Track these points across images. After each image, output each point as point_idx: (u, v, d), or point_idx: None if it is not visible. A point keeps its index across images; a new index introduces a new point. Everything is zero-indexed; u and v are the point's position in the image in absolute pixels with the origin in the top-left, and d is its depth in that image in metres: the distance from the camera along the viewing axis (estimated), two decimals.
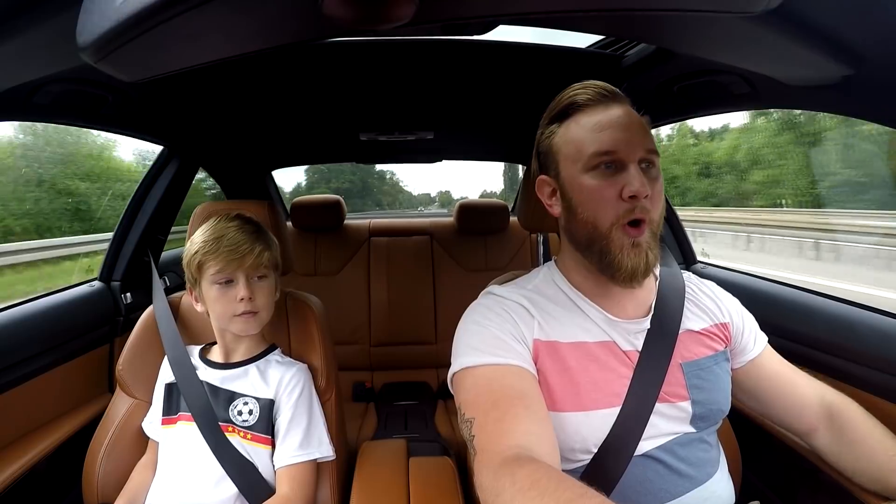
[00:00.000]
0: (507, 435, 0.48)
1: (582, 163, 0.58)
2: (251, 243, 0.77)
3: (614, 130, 0.57)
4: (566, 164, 0.60)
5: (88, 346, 1.15)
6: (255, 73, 1.00)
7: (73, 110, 0.92)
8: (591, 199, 0.57)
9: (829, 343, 0.88)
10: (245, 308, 0.75)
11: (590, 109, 0.60)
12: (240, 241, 0.76)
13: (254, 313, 0.77)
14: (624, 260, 0.56)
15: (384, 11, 0.38)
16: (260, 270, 0.78)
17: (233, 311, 0.76)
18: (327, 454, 0.80)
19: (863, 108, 0.69)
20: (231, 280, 0.76)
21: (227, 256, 0.75)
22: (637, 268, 0.56)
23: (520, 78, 1.10)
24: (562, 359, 0.59)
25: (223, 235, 0.76)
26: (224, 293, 0.76)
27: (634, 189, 0.54)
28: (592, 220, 0.57)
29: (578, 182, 0.58)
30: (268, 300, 0.80)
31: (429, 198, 14.29)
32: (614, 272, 0.57)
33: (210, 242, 0.76)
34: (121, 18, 0.38)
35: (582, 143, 0.58)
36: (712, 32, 0.57)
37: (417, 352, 1.79)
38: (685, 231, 1.45)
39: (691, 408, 0.59)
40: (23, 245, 4.74)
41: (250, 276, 0.77)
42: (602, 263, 0.58)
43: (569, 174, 0.60)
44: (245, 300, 0.75)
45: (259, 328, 0.80)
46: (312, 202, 1.85)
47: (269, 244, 0.81)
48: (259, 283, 0.78)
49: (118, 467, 0.81)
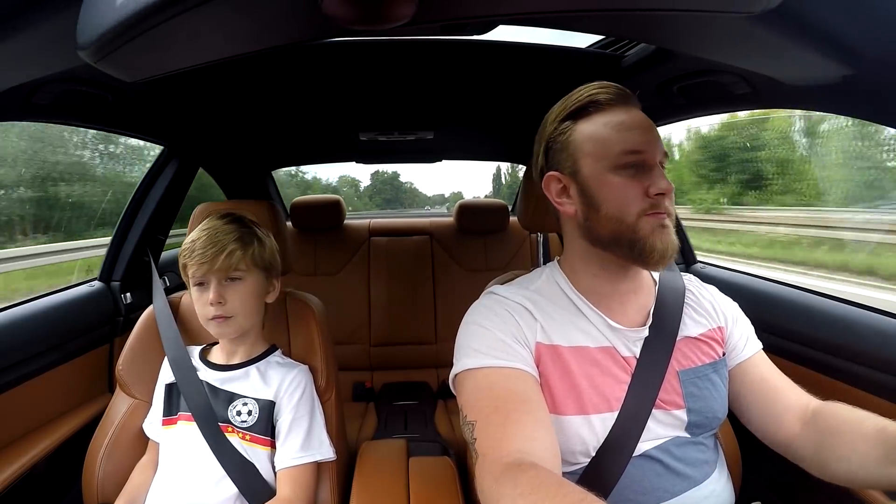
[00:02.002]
0: (508, 439, 0.48)
1: (608, 160, 0.58)
2: (224, 244, 0.74)
3: (640, 132, 0.58)
4: (588, 161, 0.60)
5: (88, 346, 1.15)
6: (255, 73, 1.00)
7: (73, 110, 0.92)
8: (618, 196, 0.57)
9: (829, 343, 0.88)
10: (215, 312, 0.74)
11: (611, 109, 0.60)
12: (213, 242, 0.74)
13: (226, 317, 0.75)
14: (656, 242, 0.56)
15: (384, 11, 0.39)
16: (232, 272, 0.75)
17: (206, 313, 0.75)
18: (328, 455, 0.80)
19: (863, 108, 0.69)
20: (203, 283, 0.75)
21: (198, 259, 0.74)
22: (666, 249, 0.56)
23: (520, 78, 1.10)
24: (563, 362, 0.59)
25: (199, 238, 0.75)
26: (200, 295, 0.75)
27: (662, 187, 0.56)
28: (617, 215, 0.57)
29: (604, 179, 0.58)
30: (244, 303, 0.76)
31: (442, 198, 16.14)
32: (646, 257, 0.57)
33: (189, 244, 0.76)
34: (121, 18, 0.38)
35: (608, 142, 0.58)
36: (712, 32, 0.57)
37: (417, 352, 1.79)
38: (685, 231, 1.45)
39: (686, 416, 0.59)
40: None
41: (221, 279, 0.75)
42: (633, 252, 0.58)
43: (592, 171, 0.59)
44: (214, 304, 0.73)
45: (237, 333, 0.78)
46: (312, 202, 1.85)
47: (248, 243, 0.77)
48: (232, 285, 0.75)
49: (118, 467, 0.81)
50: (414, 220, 2.08)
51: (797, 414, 0.62)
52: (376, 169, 16.46)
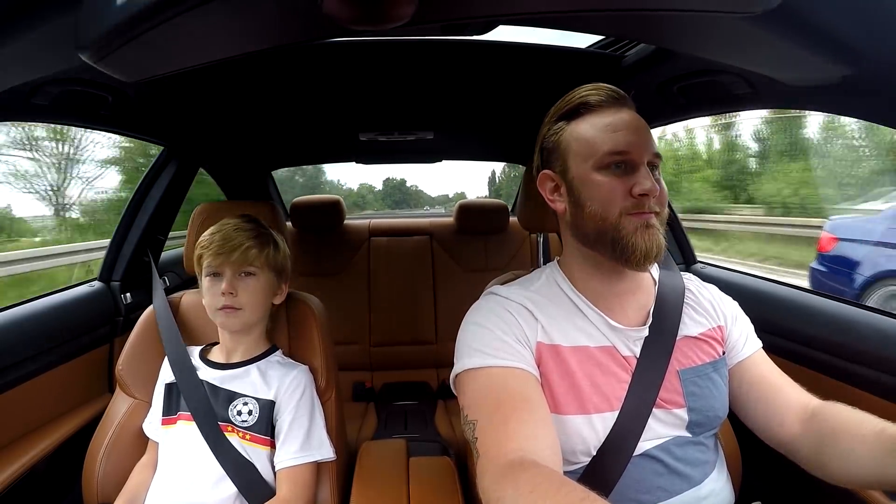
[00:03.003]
0: (509, 439, 0.49)
1: (594, 160, 0.59)
2: (242, 240, 0.79)
3: (627, 132, 0.58)
4: (576, 160, 0.61)
5: (88, 346, 1.15)
6: (255, 73, 1.00)
7: (73, 110, 0.92)
8: (601, 194, 0.58)
9: (829, 343, 0.88)
10: (226, 302, 0.77)
11: (601, 110, 0.61)
12: (231, 237, 0.79)
13: (235, 309, 0.78)
14: (638, 241, 0.56)
15: (384, 11, 0.39)
16: (246, 267, 0.79)
17: (216, 304, 0.78)
18: (328, 455, 0.80)
19: (863, 108, 0.69)
20: (218, 273, 0.79)
21: (216, 250, 0.78)
22: (651, 249, 0.56)
23: (520, 78, 1.10)
24: (564, 362, 0.59)
25: (219, 232, 0.80)
26: (212, 285, 0.79)
27: (646, 188, 0.56)
28: (601, 212, 0.58)
29: (589, 178, 0.59)
30: (254, 298, 0.80)
31: (446, 198, 16.69)
32: (629, 256, 0.57)
33: (208, 237, 0.80)
34: (121, 19, 0.38)
35: (594, 142, 0.59)
36: (712, 32, 0.57)
37: (417, 352, 1.79)
38: (685, 231, 1.45)
39: (687, 415, 0.60)
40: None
41: (236, 272, 0.78)
42: (615, 251, 0.58)
43: (579, 170, 0.60)
44: (226, 294, 0.77)
45: (241, 326, 0.81)
46: (312, 202, 1.85)
47: (264, 244, 0.82)
48: (245, 280, 0.79)
49: (118, 467, 0.81)
50: (414, 220, 2.08)
51: (797, 413, 0.62)
52: (387, 176, 18.12)
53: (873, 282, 2.82)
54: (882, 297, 2.78)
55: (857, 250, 2.93)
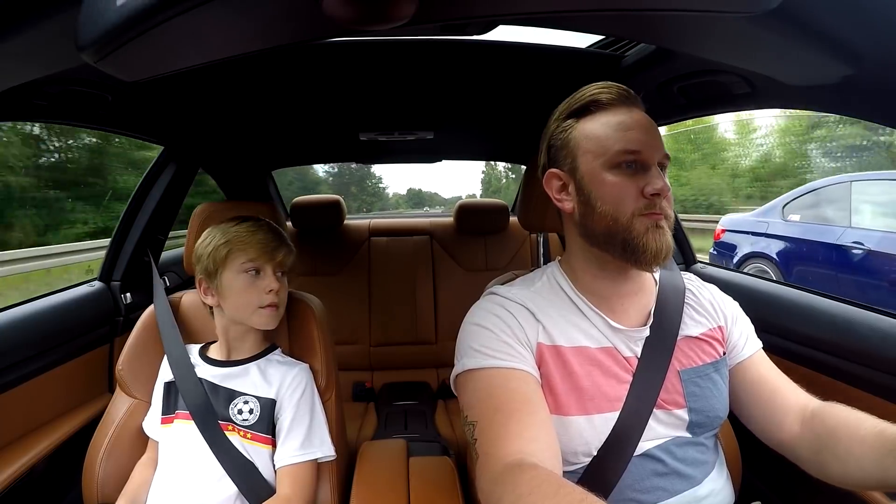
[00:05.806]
0: (509, 440, 0.49)
1: (605, 159, 0.58)
2: (282, 241, 0.83)
3: (639, 132, 0.58)
4: (586, 158, 0.60)
5: (88, 346, 1.15)
6: (255, 73, 1.00)
7: (73, 110, 0.92)
8: (613, 194, 0.58)
9: (829, 343, 0.88)
10: (272, 300, 0.79)
11: (613, 109, 0.61)
12: (271, 237, 0.81)
13: (277, 307, 0.80)
14: (649, 242, 0.56)
15: (384, 11, 0.38)
16: (284, 267, 0.83)
17: (259, 301, 0.78)
18: (329, 454, 0.80)
19: (863, 108, 0.69)
20: (260, 271, 0.79)
21: (260, 248, 0.79)
22: (661, 249, 0.56)
23: (520, 78, 1.10)
24: (565, 363, 0.59)
25: (256, 231, 0.81)
26: (252, 282, 0.78)
27: (658, 187, 0.56)
28: (612, 213, 0.58)
29: (600, 177, 0.59)
30: (285, 297, 0.84)
31: (459, 198, 16.98)
32: (639, 255, 0.57)
33: (243, 234, 0.80)
34: (121, 18, 0.38)
35: (606, 141, 0.59)
36: (712, 32, 0.57)
37: (417, 352, 1.79)
38: (685, 231, 1.45)
39: (688, 415, 0.59)
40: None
41: (276, 270, 0.81)
42: (626, 251, 0.58)
43: (589, 169, 0.60)
44: (273, 292, 0.79)
45: (276, 323, 0.82)
46: (312, 202, 1.85)
47: (291, 249, 0.85)
48: (282, 280, 0.82)
49: (118, 467, 0.81)
50: (414, 220, 2.08)
51: (797, 414, 0.62)
52: (409, 186, 19.47)
53: (744, 261, 4.00)
54: (751, 272, 3.40)
55: (735, 238, 4.20)
